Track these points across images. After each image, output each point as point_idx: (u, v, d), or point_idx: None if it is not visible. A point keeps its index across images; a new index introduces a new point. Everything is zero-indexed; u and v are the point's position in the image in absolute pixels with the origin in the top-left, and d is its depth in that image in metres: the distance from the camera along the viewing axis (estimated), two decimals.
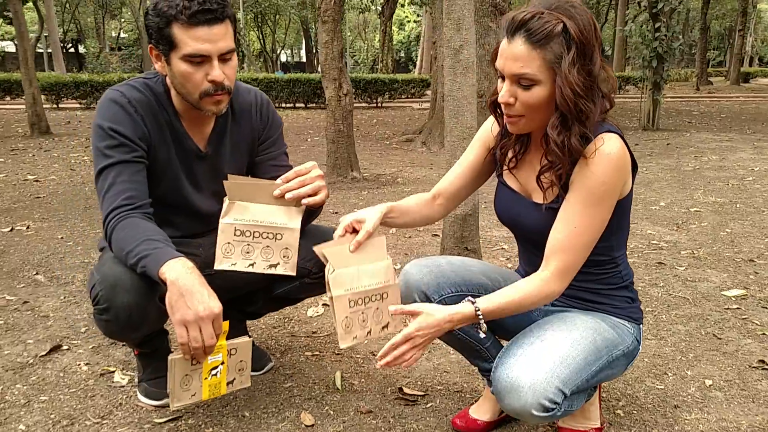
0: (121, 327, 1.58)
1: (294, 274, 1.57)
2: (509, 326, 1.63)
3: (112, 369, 2.10)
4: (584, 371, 1.42)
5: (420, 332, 1.36)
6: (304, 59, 40.45)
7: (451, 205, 1.75)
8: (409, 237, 3.86)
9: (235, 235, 1.53)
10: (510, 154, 1.56)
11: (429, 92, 19.91)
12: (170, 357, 1.45)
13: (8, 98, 17.50)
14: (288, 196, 1.54)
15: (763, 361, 2.13)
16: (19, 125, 11.38)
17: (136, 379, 1.97)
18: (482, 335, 1.45)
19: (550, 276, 1.40)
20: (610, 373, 1.54)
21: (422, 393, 1.92)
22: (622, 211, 1.46)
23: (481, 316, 1.38)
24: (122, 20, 43.50)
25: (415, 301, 1.57)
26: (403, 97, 19.16)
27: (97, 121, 1.65)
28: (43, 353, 2.23)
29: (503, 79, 1.39)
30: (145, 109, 1.69)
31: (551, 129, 1.37)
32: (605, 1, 28.00)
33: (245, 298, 2.02)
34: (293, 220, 1.57)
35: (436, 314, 1.37)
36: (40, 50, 33.07)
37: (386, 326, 1.51)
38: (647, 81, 10.22)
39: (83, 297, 2.80)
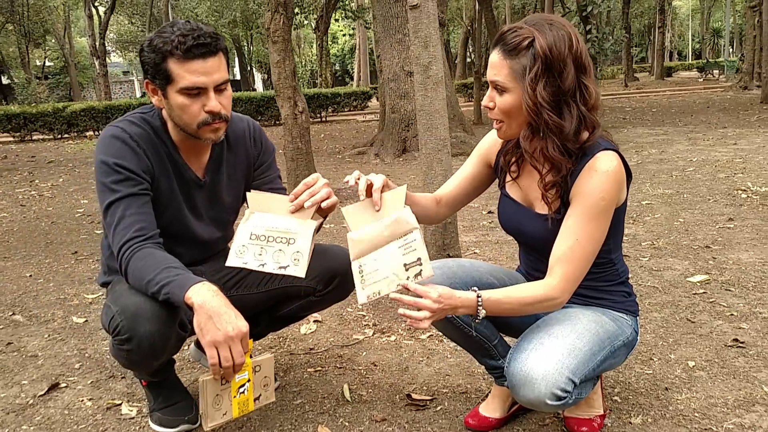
0: (143, 355, 1.60)
1: (303, 276, 1.61)
2: (517, 326, 1.73)
3: (117, 402, 2.10)
4: (590, 361, 1.54)
5: (441, 300, 1.43)
6: (238, 77, 40.15)
7: (450, 211, 1.85)
8: None
9: (250, 238, 1.59)
10: (513, 164, 1.67)
11: (370, 104, 20.21)
12: (201, 378, 1.48)
13: None
14: (307, 204, 1.60)
15: (737, 340, 2.30)
16: None
17: (146, 410, 1.98)
18: (477, 321, 1.53)
19: (555, 284, 1.50)
20: (612, 362, 1.66)
21: (430, 397, 2.00)
22: (618, 217, 1.59)
23: (480, 303, 1.47)
24: (46, 48, 42.19)
25: None
26: (345, 110, 19.29)
27: (101, 157, 1.68)
28: (42, 392, 2.20)
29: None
30: (146, 143, 1.73)
31: (522, 138, 1.52)
32: (531, 5, 28.90)
33: (250, 320, 2.06)
34: (307, 229, 1.62)
35: (444, 295, 1.45)
36: None
37: (413, 264, 1.49)
38: None
39: (68, 334, 2.76)
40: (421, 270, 1.46)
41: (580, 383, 1.53)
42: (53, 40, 39.52)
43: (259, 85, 45.13)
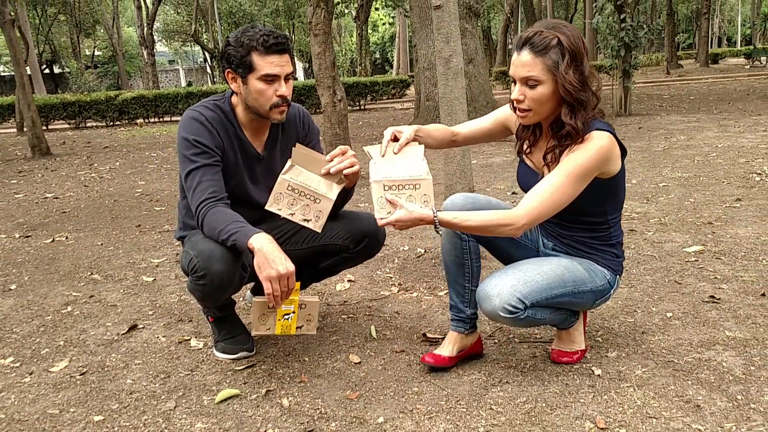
0: (215, 288, 2.05)
1: (319, 232, 2.09)
2: (516, 258, 2.14)
3: (187, 337, 2.57)
4: (544, 292, 1.93)
5: (399, 221, 1.84)
6: None
7: (464, 145, 2.32)
8: None
9: (287, 189, 2.01)
10: (526, 144, 2.07)
11: (408, 92, 20.55)
12: (253, 299, 1.99)
13: None
14: (333, 170, 2.03)
15: (713, 297, 2.64)
16: (16, 148, 11.74)
17: (211, 343, 2.44)
18: (440, 233, 2.00)
19: (517, 213, 1.85)
20: (575, 301, 2.03)
21: (441, 336, 2.40)
22: (613, 185, 1.95)
23: (436, 218, 1.84)
24: (96, 38, 43.63)
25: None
26: (384, 98, 19.69)
27: (183, 134, 2.16)
28: (124, 332, 2.69)
29: (515, 83, 1.90)
30: (218, 124, 2.19)
31: (565, 117, 1.87)
32: None
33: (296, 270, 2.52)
34: (332, 192, 2.05)
35: (410, 211, 1.83)
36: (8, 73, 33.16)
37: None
38: (617, 69, 10.81)
39: (140, 289, 3.25)
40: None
41: (531, 306, 1.92)
42: (102, 30, 40.88)
43: (300, 74, 45.84)
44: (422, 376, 2.13)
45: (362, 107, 18.56)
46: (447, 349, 2.17)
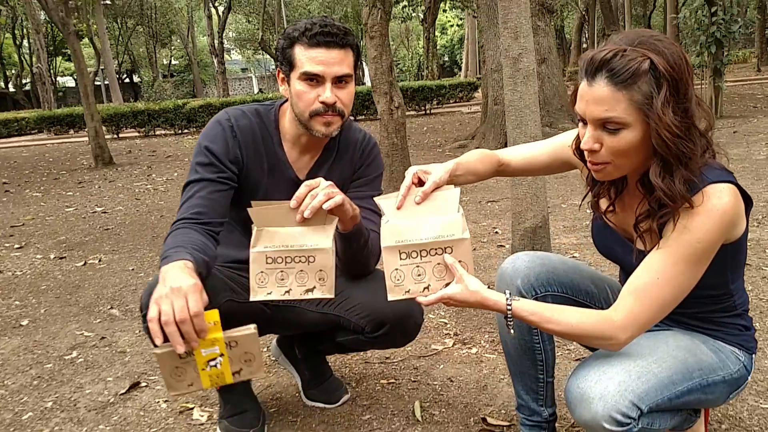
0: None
1: (332, 296, 1.49)
2: None
3: (191, 406, 2.10)
4: (666, 390, 1.32)
5: (452, 300, 1.34)
6: None
7: (512, 176, 1.77)
8: (474, 249, 3.78)
9: (267, 263, 1.46)
10: (604, 203, 1.46)
11: (476, 95, 19.84)
12: (154, 351, 1.35)
13: (72, 131, 18.24)
14: (306, 213, 1.45)
15: None
16: (84, 157, 11.83)
17: (216, 416, 1.96)
18: (511, 331, 1.37)
19: (617, 320, 1.29)
20: (704, 398, 1.42)
21: (507, 423, 1.85)
22: (735, 249, 1.35)
23: (510, 311, 1.31)
24: (172, 48, 44.93)
25: (515, 288, 1.52)
26: (451, 102, 19.06)
27: (200, 138, 1.73)
28: (123, 391, 2.25)
29: (584, 123, 1.29)
30: (245, 134, 1.73)
31: (655, 177, 1.26)
32: None
33: (314, 337, 2.01)
34: (324, 240, 1.47)
35: (473, 291, 1.32)
36: (98, 83, 34.45)
37: (450, 283, 1.36)
38: (707, 67, 9.83)
39: None
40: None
41: (650, 412, 1.31)
42: (178, 40, 42.05)
43: (368, 80, 45.77)
44: None
45: (428, 111, 17.99)
46: None
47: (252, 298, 1.47)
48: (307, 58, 1.61)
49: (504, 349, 1.64)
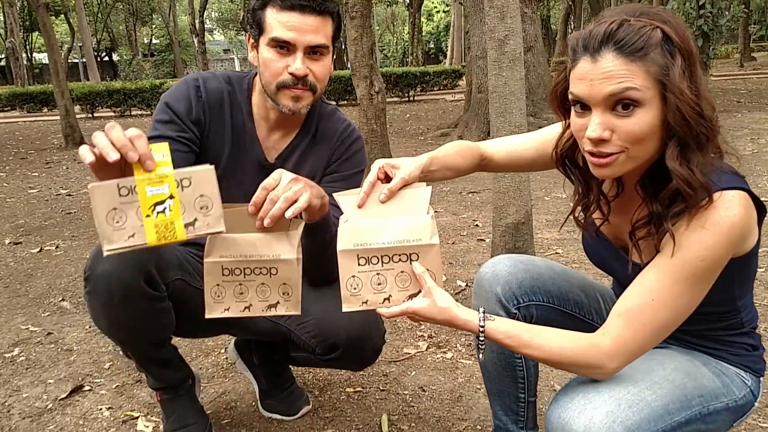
0: (101, 303, 1.41)
1: (298, 312, 1.30)
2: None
3: (135, 414, 1.91)
4: (660, 420, 1.14)
5: (417, 315, 1.15)
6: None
7: (494, 171, 1.58)
8: (453, 243, 3.61)
9: (223, 274, 1.25)
10: (597, 216, 1.26)
11: (461, 83, 19.65)
12: (90, 185, 1.07)
13: (45, 110, 17.73)
14: (266, 222, 1.22)
15: None
16: (55, 137, 11.46)
17: (161, 427, 1.77)
18: (480, 356, 1.21)
19: (604, 346, 1.11)
20: (704, 428, 1.24)
21: None
22: (745, 263, 1.17)
23: (483, 332, 1.13)
24: (153, 26, 44.05)
25: (495, 296, 1.34)
26: (435, 89, 18.83)
27: (163, 95, 1.57)
28: (63, 395, 2.05)
29: (581, 109, 1.09)
30: (211, 97, 1.56)
31: (672, 161, 1.06)
32: None
33: (270, 345, 1.82)
34: (288, 249, 1.26)
35: (441, 308, 1.13)
36: (75, 60, 33.68)
37: (415, 294, 1.17)
38: None
39: None
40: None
41: None
42: (159, 18, 41.22)
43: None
44: None
45: (411, 98, 17.76)
46: None
47: (207, 316, 1.26)
48: (277, 21, 1.43)
49: (480, 365, 1.46)
